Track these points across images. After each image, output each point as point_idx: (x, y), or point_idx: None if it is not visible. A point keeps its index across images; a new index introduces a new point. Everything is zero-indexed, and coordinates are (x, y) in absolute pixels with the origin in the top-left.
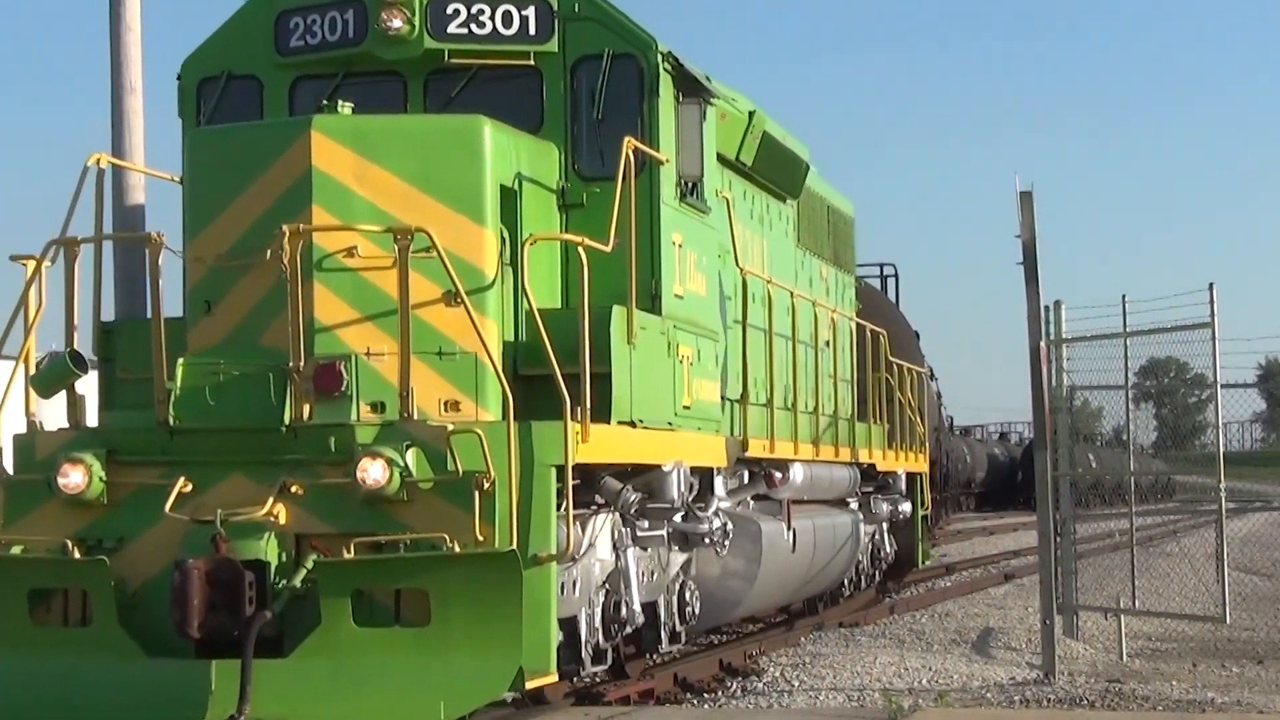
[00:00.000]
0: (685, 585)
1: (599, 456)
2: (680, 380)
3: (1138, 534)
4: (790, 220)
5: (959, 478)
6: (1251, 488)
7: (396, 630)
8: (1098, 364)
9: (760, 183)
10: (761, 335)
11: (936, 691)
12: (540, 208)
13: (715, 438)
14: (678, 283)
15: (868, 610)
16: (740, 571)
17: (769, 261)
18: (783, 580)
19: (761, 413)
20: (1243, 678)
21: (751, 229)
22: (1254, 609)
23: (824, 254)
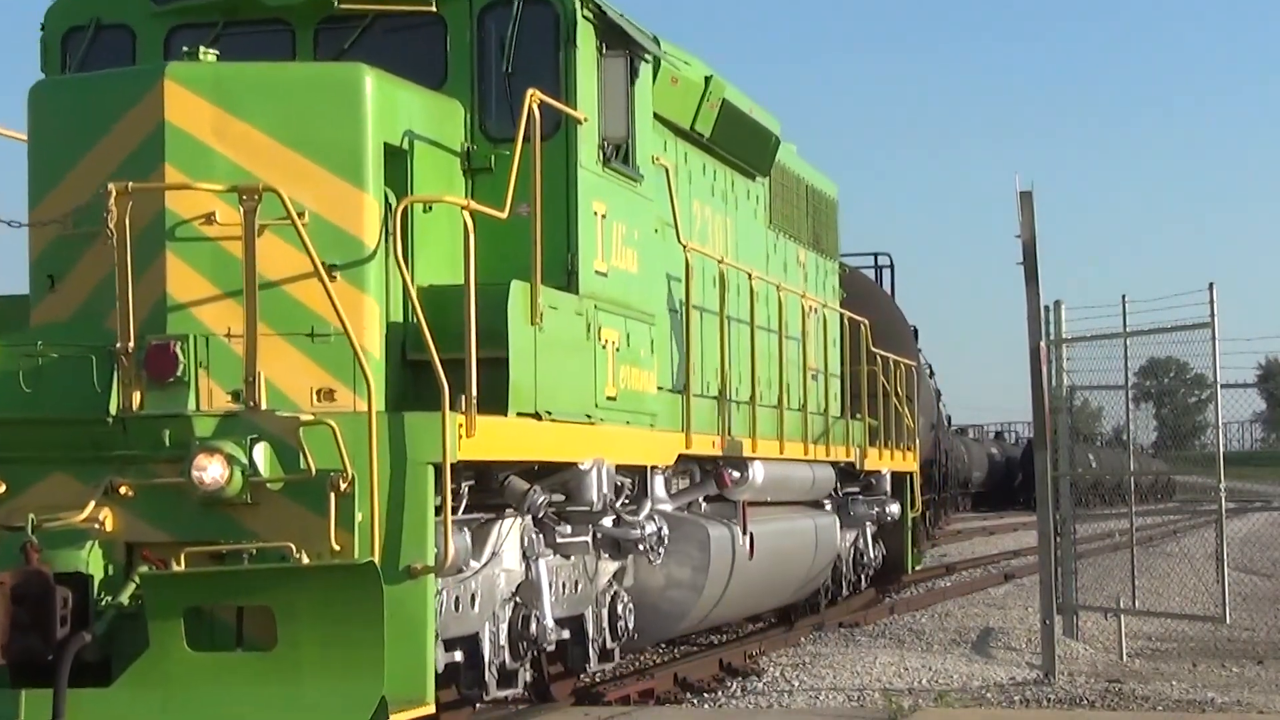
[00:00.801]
0: (617, 597)
1: (491, 453)
2: (603, 368)
3: (1138, 534)
4: (761, 199)
5: (958, 477)
6: (1251, 488)
7: (238, 655)
8: (1098, 364)
9: (723, 157)
10: (712, 320)
11: (936, 691)
12: (439, 171)
13: (650, 433)
14: (600, 258)
15: (868, 610)
16: (685, 581)
17: (734, 242)
18: (739, 590)
19: (711, 406)
20: (1243, 678)
21: (713, 206)
22: (1254, 609)
23: (801, 237)
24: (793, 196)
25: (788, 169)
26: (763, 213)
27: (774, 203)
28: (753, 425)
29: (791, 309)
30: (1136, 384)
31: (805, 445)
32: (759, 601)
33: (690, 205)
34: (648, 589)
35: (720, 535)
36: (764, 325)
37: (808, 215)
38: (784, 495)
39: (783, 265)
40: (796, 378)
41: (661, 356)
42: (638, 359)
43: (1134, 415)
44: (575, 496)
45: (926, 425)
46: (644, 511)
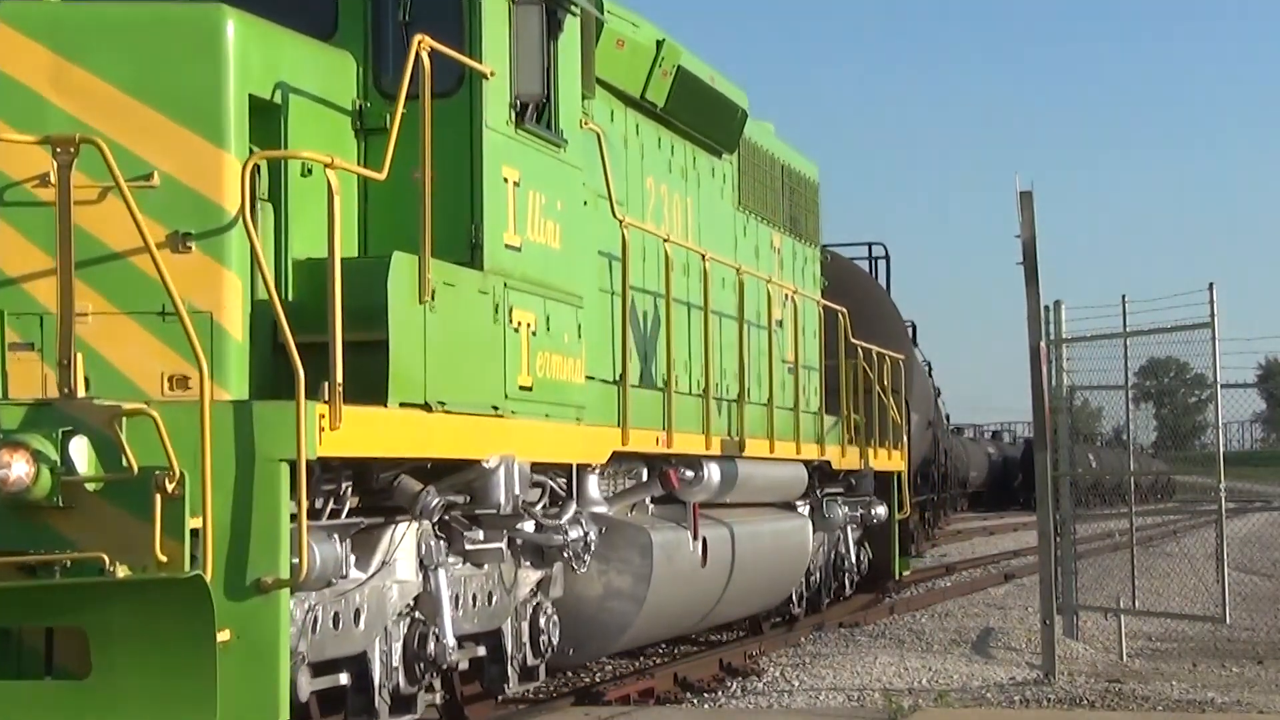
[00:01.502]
0: (540, 609)
1: (365, 448)
2: (516, 354)
3: (1138, 534)
4: (728, 178)
5: (956, 477)
6: (1251, 488)
7: (46, 684)
8: (1098, 364)
9: (682, 130)
10: (655, 304)
11: (937, 691)
12: (322, 130)
13: (577, 428)
14: (511, 230)
15: (868, 610)
16: (626, 591)
17: (696, 223)
18: (690, 600)
19: (655, 399)
20: (1243, 678)
21: (670, 183)
22: (1254, 609)
23: (776, 220)
24: (765, 177)
25: (760, 147)
26: (730, 192)
27: (743, 182)
28: (706, 420)
29: (761, 296)
30: (1136, 384)
31: (771, 442)
32: (717, 611)
33: (643, 181)
34: (585, 600)
35: (666, 540)
36: (724, 312)
37: (783, 197)
38: (746, 496)
39: (754, 250)
40: (766, 370)
41: (593, 343)
42: (560, 345)
43: (1134, 415)
44: (480, 498)
45: (922, 423)
46: (567, 515)
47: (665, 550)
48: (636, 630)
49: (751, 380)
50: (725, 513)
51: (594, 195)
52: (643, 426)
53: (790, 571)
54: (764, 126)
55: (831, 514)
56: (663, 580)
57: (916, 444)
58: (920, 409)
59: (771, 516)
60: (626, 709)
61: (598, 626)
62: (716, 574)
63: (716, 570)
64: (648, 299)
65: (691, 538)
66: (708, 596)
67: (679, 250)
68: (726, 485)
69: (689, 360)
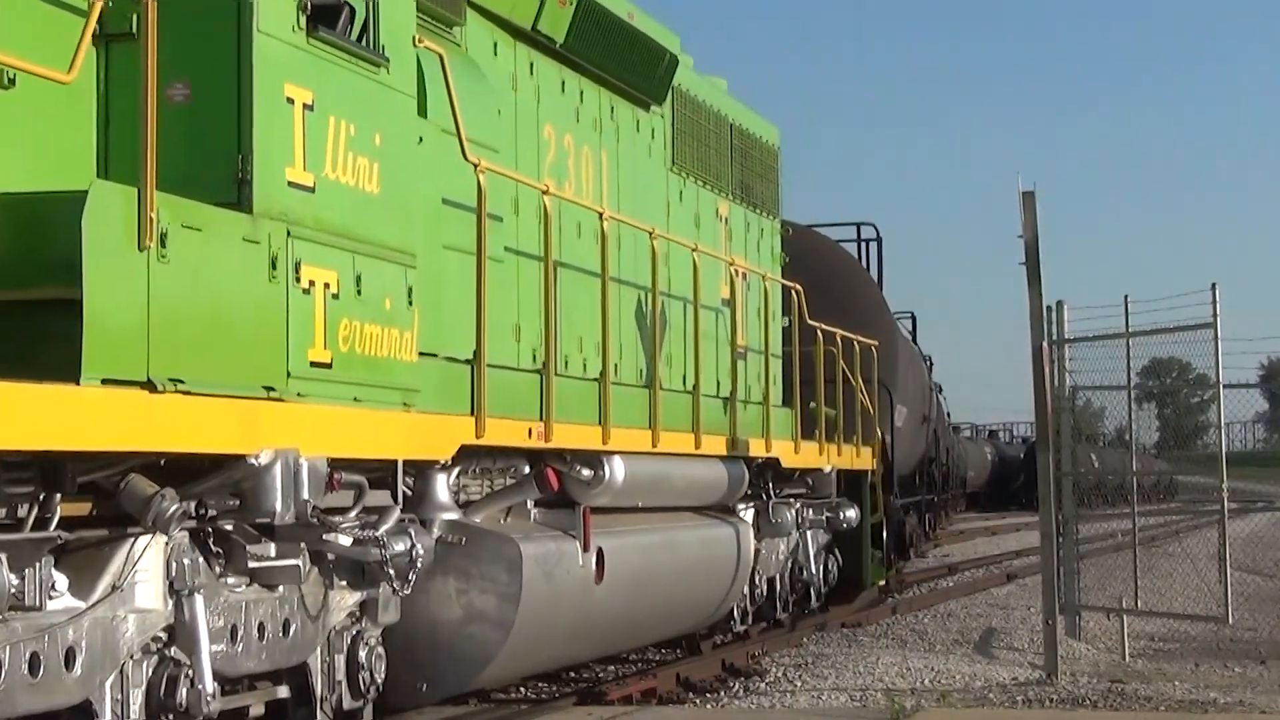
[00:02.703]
0: (361, 639)
1: (39, 438)
2: (306, 321)
3: (1140, 534)
4: (659, 135)
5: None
6: (1254, 488)
7: None
8: (1100, 364)
9: (592, 74)
10: (532, 269)
11: (939, 691)
12: (36, 32)
13: (404, 415)
14: (301, 165)
15: (870, 610)
16: (490, 614)
17: (614, 181)
18: (577, 624)
19: (528, 382)
20: (1245, 678)
21: (576, 134)
22: (1256, 609)
23: (723, 186)
24: (709, 136)
25: (703, 103)
26: (662, 150)
27: (679, 140)
28: (604, 409)
29: (688, 267)
30: (1139, 384)
31: (697, 436)
32: (621, 635)
33: (538, 130)
34: (441, 625)
35: (541, 553)
36: (635, 283)
37: (733, 161)
38: (667, 500)
39: (693, 217)
40: (694, 353)
41: (433, 312)
42: (378, 312)
43: (1136, 415)
44: (250, 504)
45: (914, 417)
46: (387, 523)
47: (540, 564)
48: (504, 661)
49: (672, 364)
50: (639, 519)
51: (435, 132)
52: (509, 415)
53: (723, 584)
54: (713, 82)
55: (780, 518)
56: (538, 600)
57: (907, 440)
58: (911, 403)
59: (699, 522)
60: (629, 709)
61: (455, 657)
62: (616, 591)
63: (616, 587)
64: (527, 263)
65: (581, 549)
66: (606, 618)
67: (572, 208)
68: (637, 487)
69: (582, 339)
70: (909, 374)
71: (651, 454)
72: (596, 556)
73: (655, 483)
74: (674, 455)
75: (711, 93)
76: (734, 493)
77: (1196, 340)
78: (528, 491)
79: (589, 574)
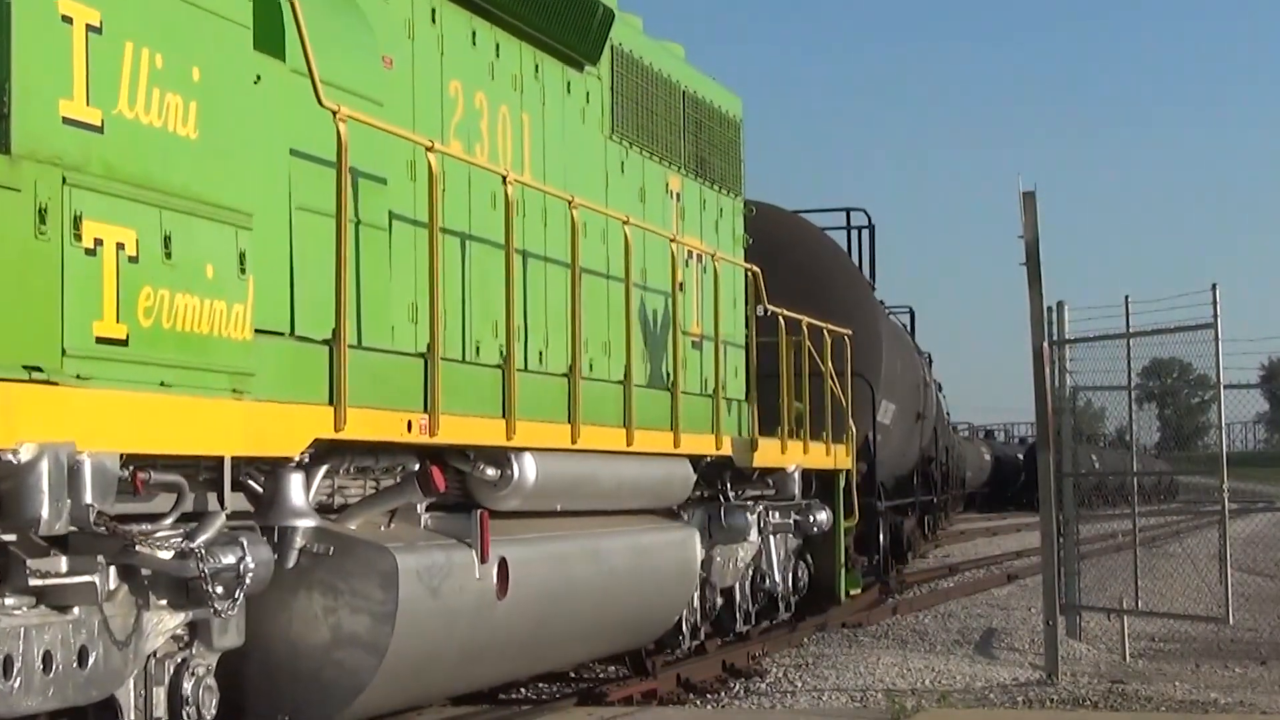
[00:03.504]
0: (186, 668)
1: None
2: (91, 288)
3: (1141, 535)
4: (596, 99)
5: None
6: (1254, 488)
7: None
8: (1101, 364)
9: (511, 26)
10: (416, 236)
11: (939, 692)
12: None
13: (236, 404)
14: (82, 98)
15: (870, 611)
16: (361, 637)
17: (537, 146)
18: (472, 645)
19: (411, 368)
20: (1246, 678)
21: (492, 93)
22: (1257, 610)
23: (674, 159)
24: (657, 104)
25: (650, 67)
26: (599, 116)
27: (620, 105)
28: (507, 400)
29: (618, 241)
30: (1139, 385)
31: (629, 432)
32: (532, 657)
33: (442, 85)
34: (305, 649)
35: (425, 565)
36: (553, 258)
37: (686, 131)
38: (590, 503)
39: (637, 191)
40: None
41: (279, 283)
42: (197, 281)
43: (1137, 416)
44: (9, 509)
45: (906, 415)
46: (207, 533)
47: (424, 578)
48: (379, 690)
49: (611, 353)
50: (558, 525)
51: (282, 72)
52: (382, 405)
53: (664, 596)
54: (667, 47)
55: (734, 522)
56: (420, 620)
57: (896, 438)
58: (901, 399)
59: (634, 528)
60: (629, 709)
61: (321, 687)
62: (524, 607)
63: (524, 602)
64: (425, 234)
65: (478, 559)
66: (511, 638)
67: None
68: (554, 488)
69: (498, 322)
70: (897, 368)
71: (573, 452)
72: (498, 568)
73: (577, 484)
74: (602, 453)
75: (662, 57)
76: (678, 495)
77: (1197, 340)
78: (409, 494)
79: (488, 588)
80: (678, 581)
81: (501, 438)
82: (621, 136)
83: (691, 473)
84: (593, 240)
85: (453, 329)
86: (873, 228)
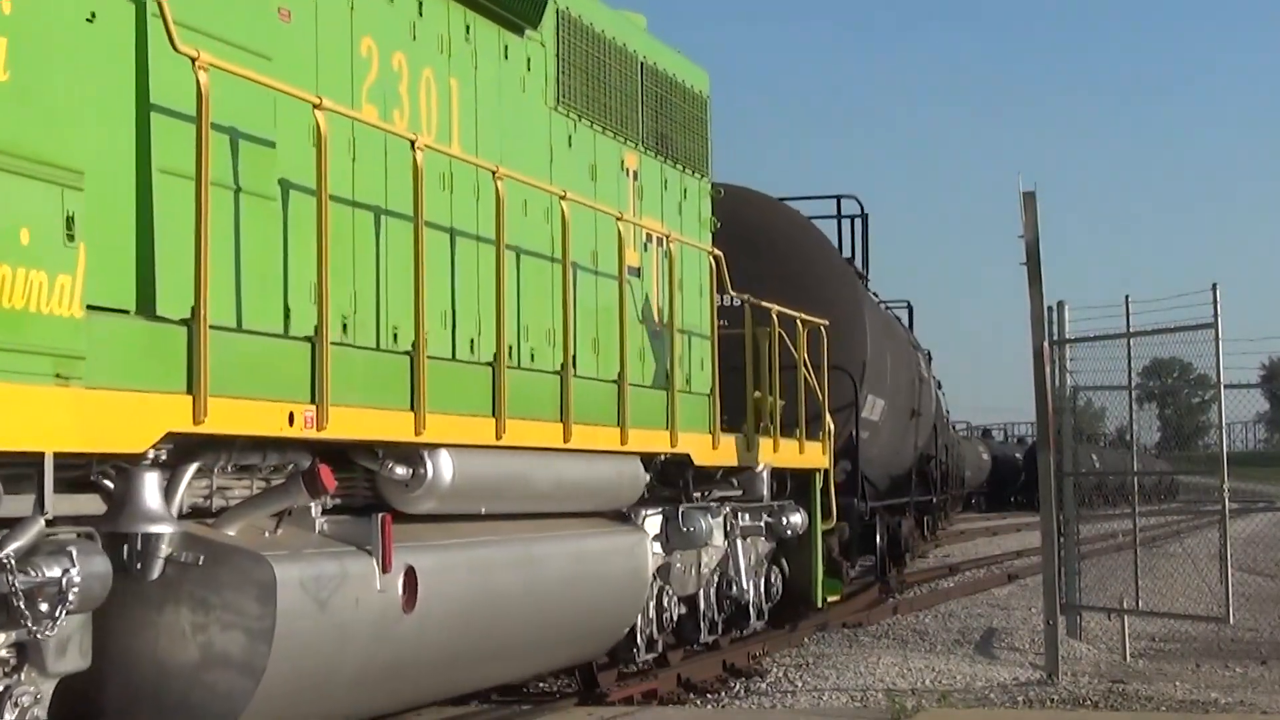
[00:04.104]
0: (8, 698)
1: None
2: None
3: (1141, 534)
4: (539, 66)
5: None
6: (1255, 488)
7: None
8: (1101, 364)
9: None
10: (309, 207)
11: (940, 692)
12: None
13: (61, 390)
14: None
15: (871, 611)
16: (234, 657)
17: (468, 115)
18: (372, 665)
19: (296, 354)
20: (1246, 678)
21: (414, 55)
22: (1257, 609)
23: (630, 134)
24: (610, 74)
25: (603, 36)
26: (541, 85)
27: (566, 75)
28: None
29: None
30: (1140, 384)
31: (566, 428)
32: (448, 677)
33: (353, 44)
34: (171, 671)
35: (311, 575)
36: (478, 235)
37: (645, 105)
38: (522, 505)
39: (588, 168)
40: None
41: (122, 253)
42: (9, 248)
43: (1137, 416)
44: None
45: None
46: (19, 540)
47: (310, 590)
48: (255, 717)
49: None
50: (484, 530)
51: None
52: (261, 395)
53: (611, 607)
54: (625, 16)
55: (693, 526)
56: (305, 637)
57: (886, 435)
58: (893, 394)
59: (574, 533)
60: (630, 709)
61: (190, 713)
62: (437, 622)
63: (436, 616)
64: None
65: (379, 568)
66: (422, 657)
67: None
68: (476, 489)
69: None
70: (886, 362)
71: (502, 449)
72: (404, 578)
73: (505, 484)
74: (537, 451)
75: (619, 25)
76: (627, 496)
77: (1197, 340)
78: (294, 495)
79: (392, 601)
80: (626, 590)
81: (409, 433)
82: (569, 108)
83: (642, 472)
84: (534, 218)
85: (365, 313)
86: (865, 216)
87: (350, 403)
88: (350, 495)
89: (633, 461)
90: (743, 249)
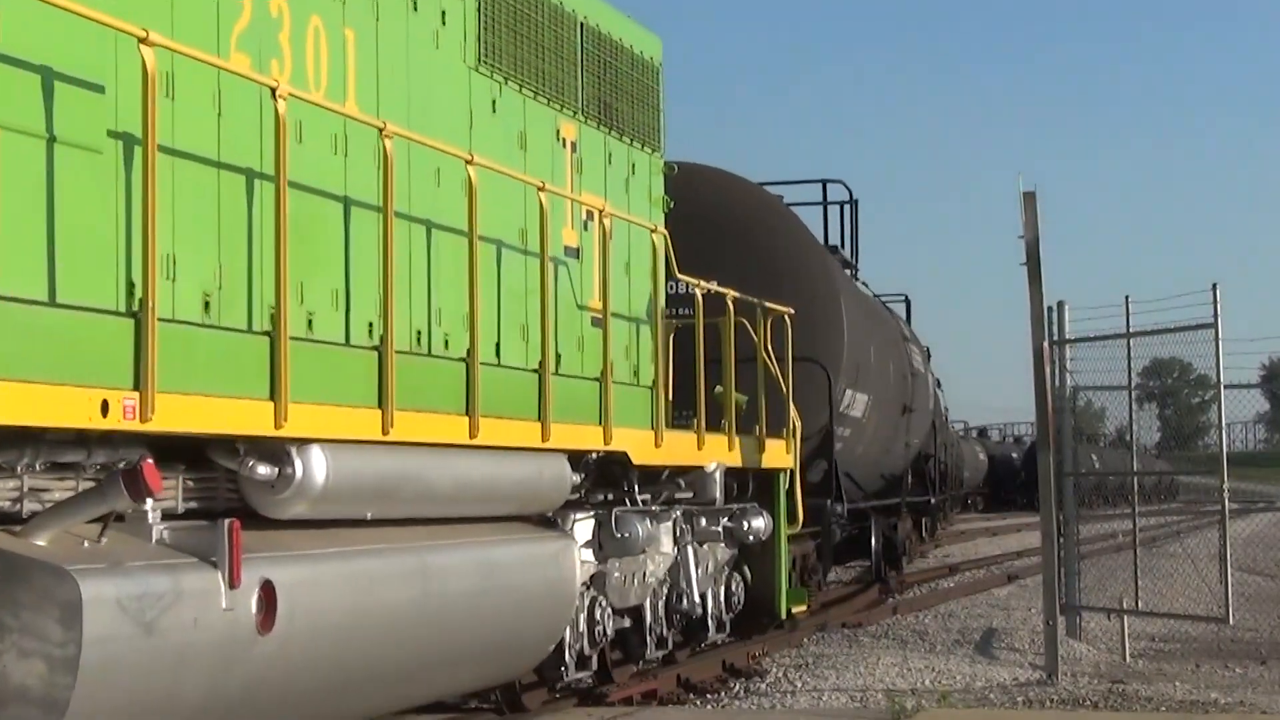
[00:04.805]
0: None
1: None
2: None
3: (1141, 535)
4: (455, 21)
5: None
6: (1255, 488)
7: None
8: (1101, 364)
9: None
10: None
11: (939, 692)
12: None
13: None
14: None
15: (871, 611)
16: (33, 689)
17: (368, 72)
18: (218, 697)
19: (114, 331)
20: (1246, 678)
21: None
22: (1257, 609)
23: (567, 101)
24: (543, 34)
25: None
26: (459, 41)
27: (489, 32)
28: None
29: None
30: (1140, 385)
31: (472, 422)
32: (317, 707)
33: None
34: None
35: (130, 593)
36: (362, 201)
37: (585, 70)
38: (417, 508)
39: (516, 135)
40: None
41: None
42: None
43: (1137, 416)
44: None
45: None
46: None
47: (128, 610)
48: None
49: (456, 324)
50: (371, 537)
51: None
52: (69, 381)
53: (529, 622)
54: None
55: (628, 531)
56: (124, 665)
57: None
58: (879, 389)
59: (483, 539)
60: (630, 709)
61: None
62: (305, 645)
63: (304, 638)
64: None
65: (226, 583)
66: (287, 685)
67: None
68: (358, 490)
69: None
70: (869, 354)
71: (390, 445)
72: (260, 594)
73: (395, 485)
74: (435, 447)
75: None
76: (550, 499)
77: (1197, 340)
78: (113, 499)
79: (244, 621)
80: (548, 602)
81: (268, 425)
82: (493, 69)
83: (568, 471)
84: (449, 189)
85: (234, 290)
86: (855, 202)
87: (190, 390)
88: (210, 499)
89: (558, 460)
90: (703, 231)
